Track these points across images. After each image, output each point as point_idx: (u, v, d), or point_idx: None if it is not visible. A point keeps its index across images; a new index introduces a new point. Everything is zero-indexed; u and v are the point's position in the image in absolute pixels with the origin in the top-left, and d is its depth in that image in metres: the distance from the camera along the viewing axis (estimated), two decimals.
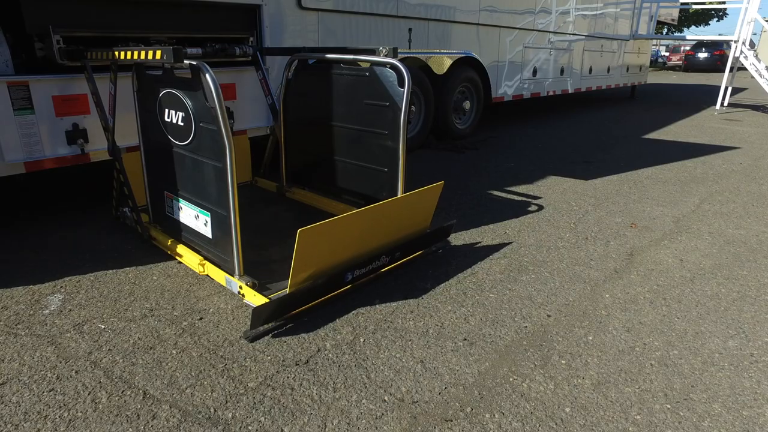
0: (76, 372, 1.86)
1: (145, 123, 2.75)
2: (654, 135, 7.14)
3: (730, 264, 2.90)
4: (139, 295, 2.43)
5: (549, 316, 2.32)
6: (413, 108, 5.62)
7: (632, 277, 2.72)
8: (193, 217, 2.59)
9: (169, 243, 2.79)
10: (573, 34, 8.16)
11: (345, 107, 3.20)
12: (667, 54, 31.83)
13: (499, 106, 9.12)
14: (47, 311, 2.27)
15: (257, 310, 2.05)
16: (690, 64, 24.39)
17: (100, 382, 1.81)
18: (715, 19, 33.67)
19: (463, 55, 5.90)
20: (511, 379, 1.88)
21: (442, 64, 5.66)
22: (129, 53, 2.30)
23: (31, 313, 2.26)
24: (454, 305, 2.39)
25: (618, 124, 8.11)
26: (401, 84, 2.81)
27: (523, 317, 2.30)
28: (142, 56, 2.20)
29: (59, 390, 1.77)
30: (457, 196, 4.05)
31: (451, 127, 6.13)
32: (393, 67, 2.83)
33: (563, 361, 1.99)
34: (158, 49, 2.09)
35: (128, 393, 1.76)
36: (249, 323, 2.18)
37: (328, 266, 2.32)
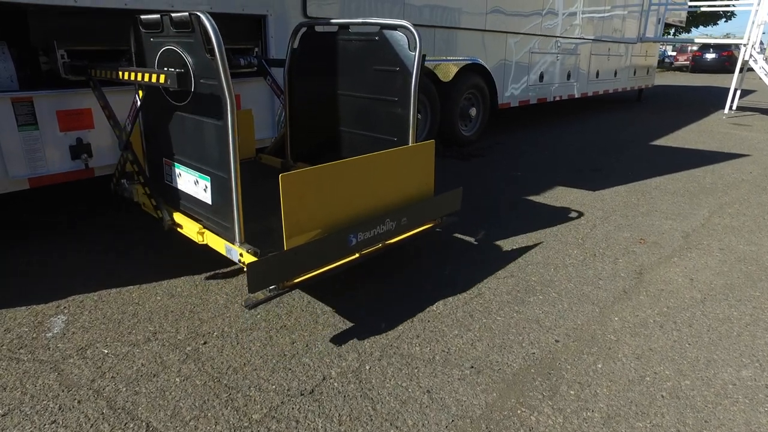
0: (79, 402, 1.84)
1: (144, 85, 2.59)
2: (662, 141, 7.07)
3: (741, 284, 2.85)
4: (142, 316, 2.41)
5: (557, 341, 2.28)
6: (419, 116, 5.58)
7: (641, 298, 2.68)
8: (192, 182, 2.47)
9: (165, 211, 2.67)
10: (580, 38, 8.09)
11: (353, 75, 3.07)
12: (674, 54, 31.57)
13: (505, 112, 9.05)
14: (50, 334, 2.26)
15: (252, 268, 1.92)
16: (697, 65, 24.19)
17: (102, 413, 1.79)
18: (723, 19, 33.44)
19: (469, 62, 5.85)
20: (519, 412, 1.85)
21: (449, 71, 5.61)
22: (133, 74, 2.28)
23: (33, 336, 2.24)
24: (461, 329, 2.36)
25: (625, 129, 8.04)
26: (412, 47, 2.69)
27: (531, 342, 2.27)
28: (146, 78, 2.17)
29: (61, 422, 1.75)
30: (463, 209, 4.01)
31: (457, 133, 6.08)
32: (404, 29, 2.72)
33: (572, 392, 1.95)
34: (162, 74, 2.06)
35: (131, 426, 1.74)
36: (250, 304, 2.11)
37: (325, 223, 2.22)
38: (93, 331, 2.29)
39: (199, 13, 2.03)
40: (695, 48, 27.62)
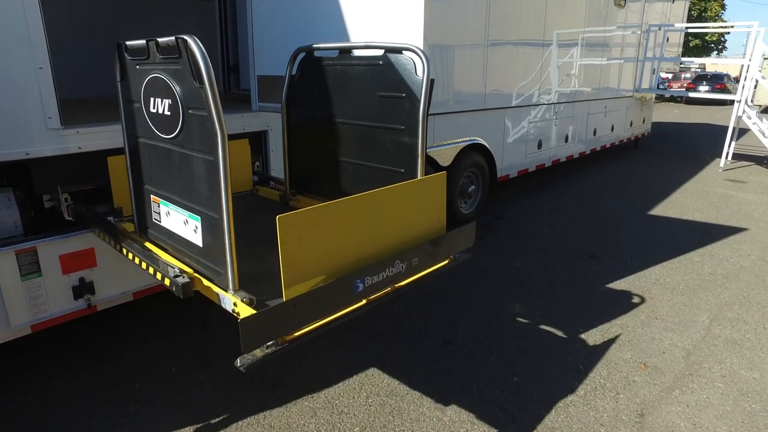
0: None
1: (130, 117, 2.49)
2: (659, 210, 7.12)
3: (745, 431, 2.85)
4: None
5: None
6: None
7: None
8: (181, 223, 2.29)
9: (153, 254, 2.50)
10: (576, 101, 8.20)
11: (356, 102, 2.92)
12: (668, 77, 31.97)
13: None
14: None
15: (246, 323, 1.71)
16: (691, 97, 24.52)
17: None
18: (715, 52, 34.24)
19: (469, 143, 5.92)
20: None
21: (449, 155, 5.67)
22: (137, 259, 2.30)
23: None
24: None
25: (623, 191, 8.10)
26: (419, 71, 2.53)
27: None
28: (150, 272, 2.19)
29: None
30: (462, 318, 4.01)
31: (456, 213, 6.12)
32: (409, 52, 2.57)
33: None
34: (167, 278, 2.08)
35: None
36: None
37: (328, 268, 2.03)
38: None
39: (186, 37, 1.90)
40: (688, 76, 28.10)
